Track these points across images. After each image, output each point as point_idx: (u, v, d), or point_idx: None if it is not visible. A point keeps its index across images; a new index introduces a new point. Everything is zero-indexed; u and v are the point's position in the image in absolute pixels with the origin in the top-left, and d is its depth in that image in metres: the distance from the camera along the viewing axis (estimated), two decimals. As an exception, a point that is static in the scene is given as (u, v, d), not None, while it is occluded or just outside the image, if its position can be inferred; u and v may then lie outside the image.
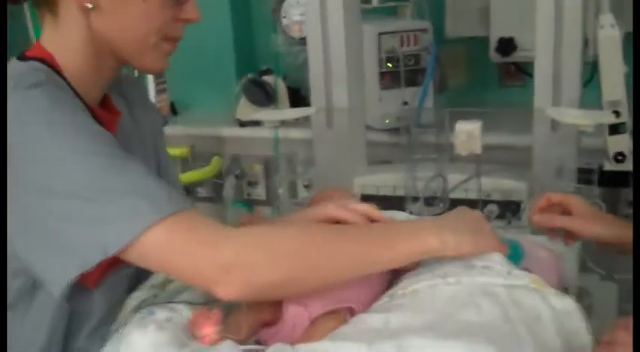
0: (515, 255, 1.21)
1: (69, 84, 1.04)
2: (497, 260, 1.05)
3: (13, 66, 1.02)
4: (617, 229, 1.15)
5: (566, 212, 1.24)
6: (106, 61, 1.08)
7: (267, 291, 0.92)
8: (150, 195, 0.91)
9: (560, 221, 1.22)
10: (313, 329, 1.02)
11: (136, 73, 1.49)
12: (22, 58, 1.05)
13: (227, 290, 0.90)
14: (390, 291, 1.05)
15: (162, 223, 0.89)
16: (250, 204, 2.69)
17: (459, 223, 1.06)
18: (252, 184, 2.68)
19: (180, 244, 0.90)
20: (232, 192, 2.60)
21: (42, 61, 1.03)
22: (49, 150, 0.92)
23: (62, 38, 1.05)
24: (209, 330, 0.96)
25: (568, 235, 1.24)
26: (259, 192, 2.68)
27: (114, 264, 0.99)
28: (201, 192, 2.74)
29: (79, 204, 0.90)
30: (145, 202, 0.90)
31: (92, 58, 1.07)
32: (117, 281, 1.12)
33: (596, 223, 1.19)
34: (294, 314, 1.03)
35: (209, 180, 2.65)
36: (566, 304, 0.99)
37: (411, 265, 1.07)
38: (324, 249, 0.95)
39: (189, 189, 2.68)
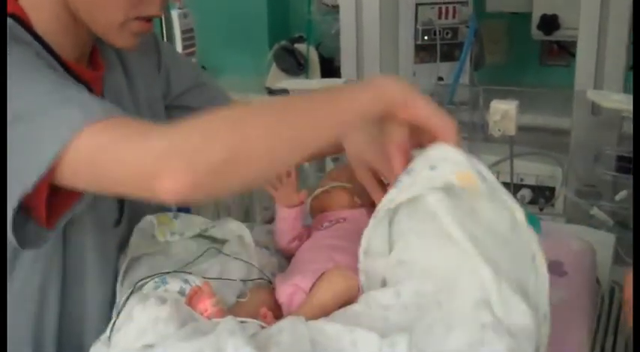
0: None
1: (40, 39, 1.01)
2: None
3: None
4: None
5: None
6: (81, 29, 1.05)
7: (210, 178, 0.81)
8: (82, 104, 0.86)
9: None
10: (311, 295, 0.99)
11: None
12: None
13: (169, 183, 0.79)
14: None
15: (92, 127, 0.84)
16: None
17: None
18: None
19: (110, 144, 0.83)
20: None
21: (9, 14, 0.98)
22: None
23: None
24: (206, 304, 0.94)
25: None
26: (287, 163, 2.63)
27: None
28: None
29: (20, 128, 0.86)
30: (76, 109, 0.85)
31: (68, 22, 1.03)
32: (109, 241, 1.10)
33: None
34: (291, 294, 1.01)
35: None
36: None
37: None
38: (265, 119, 0.86)
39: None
